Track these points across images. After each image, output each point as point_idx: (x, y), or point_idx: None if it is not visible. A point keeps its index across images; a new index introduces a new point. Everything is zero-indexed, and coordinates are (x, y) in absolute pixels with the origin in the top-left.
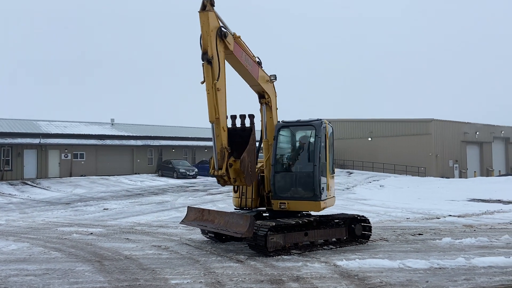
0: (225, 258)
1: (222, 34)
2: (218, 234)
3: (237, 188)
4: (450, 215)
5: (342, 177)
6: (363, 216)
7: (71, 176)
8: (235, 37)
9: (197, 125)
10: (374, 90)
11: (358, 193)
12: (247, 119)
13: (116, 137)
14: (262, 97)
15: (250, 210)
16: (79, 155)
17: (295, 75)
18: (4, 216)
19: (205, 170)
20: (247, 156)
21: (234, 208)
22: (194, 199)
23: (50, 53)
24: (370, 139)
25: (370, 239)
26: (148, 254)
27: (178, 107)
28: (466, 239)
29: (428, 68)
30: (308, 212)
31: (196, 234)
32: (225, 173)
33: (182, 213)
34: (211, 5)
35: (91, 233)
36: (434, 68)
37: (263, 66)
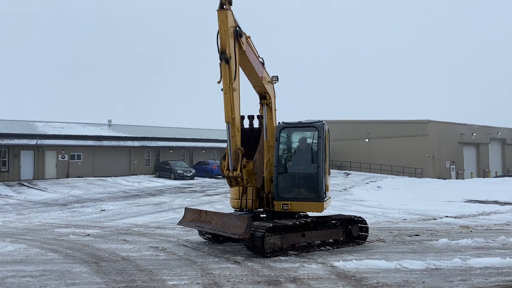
0: (222, 259)
1: (238, 34)
2: (216, 235)
3: (242, 190)
4: (446, 216)
5: (340, 178)
6: (360, 217)
7: (68, 177)
8: (246, 37)
9: (195, 126)
10: (371, 91)
11: (355, 194)
12: (255, 120)
13: (113, 138)
14: (263, 98)
15: (250, 211)
16: (76, 156)
17: (292, 75)
18: (1, 217)
19: (203, 171)
20: (258, 158)
21: (234, 210)
22: (191, 200)
23: (49, 53)
24: (367, 140)
25: (367, 240)
26: (145, 255)
27: (177, 108)
28: (463, 240)
29: (426, 69)
30: (305, 213)
31: (193, 235)
32: (240, 174)
33: (180, 214)
34: (229, 3)
35: (88, 234)
36: (431, 70)
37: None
